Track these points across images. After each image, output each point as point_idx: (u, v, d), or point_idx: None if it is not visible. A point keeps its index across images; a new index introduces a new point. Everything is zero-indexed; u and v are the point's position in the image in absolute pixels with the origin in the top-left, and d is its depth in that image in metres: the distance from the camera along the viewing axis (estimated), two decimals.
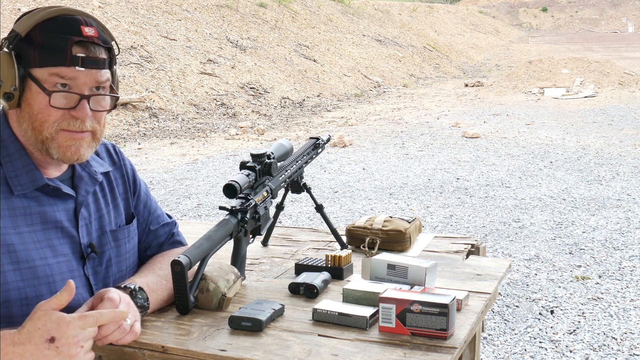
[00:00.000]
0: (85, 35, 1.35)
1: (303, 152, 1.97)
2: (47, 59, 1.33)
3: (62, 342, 1.18)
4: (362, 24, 24.07)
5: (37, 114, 1.34)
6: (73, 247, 1.42)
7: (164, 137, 10.02)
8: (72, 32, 1.34)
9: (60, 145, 1.36)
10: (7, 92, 1.32)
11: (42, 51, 1.33)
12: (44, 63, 1.33)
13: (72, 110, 1.35)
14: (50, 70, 1.33)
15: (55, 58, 1.33)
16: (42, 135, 1.35)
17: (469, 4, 50.74)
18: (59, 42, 1.33)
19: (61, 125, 1.35)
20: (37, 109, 1.34)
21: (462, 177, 7.33)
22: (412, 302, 1.36)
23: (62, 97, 1.34)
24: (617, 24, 48.78)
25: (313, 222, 5.55)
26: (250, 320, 1.41)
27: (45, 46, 1.33)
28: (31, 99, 1.34)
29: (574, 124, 11.09)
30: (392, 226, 1.97)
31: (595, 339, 3.47)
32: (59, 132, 1.35)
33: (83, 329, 1.21)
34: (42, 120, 1.34)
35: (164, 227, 1.67)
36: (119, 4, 14.35)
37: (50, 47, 1.32)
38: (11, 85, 1.32)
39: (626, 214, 5.76)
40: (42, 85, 1.33)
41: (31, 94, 1.34)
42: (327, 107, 14.02)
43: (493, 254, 4.78)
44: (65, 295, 1.21)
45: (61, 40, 1.33)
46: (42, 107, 1.34)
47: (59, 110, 1.34)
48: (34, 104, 1.34)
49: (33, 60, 1.33)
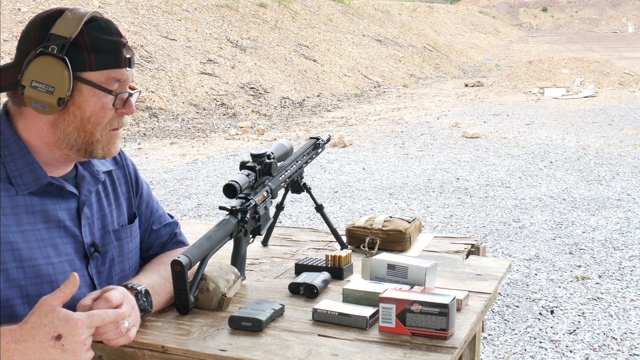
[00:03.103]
0: (124, 37, 1.39)
1: (303, 152, 1.97)
2: (103, 62, 1.35)
3: (69, 340, 1.19)
4: (362, 24, 24.07)
5: (91, 117, 1.36)
6: (76, 246, 1.43)
7: (164, 137, 10.02)
8: (116, 34, 1.37)
9: (105, 146, 1.41)
10: (61, 97, 1.33)
11: (97, 54, 1.34)
12: (100, 66, 1.35)
13: (122, 109, 1.39)
14: (109, 73, 1.35)
15: (111, 60, 1.35)
16: (94, 137, 1.38)
17: (469, 4, 50.73)
18: (110, 45, 1.35)
19: (112, 125, 1.39)
20: (90, 111, 1.36)
21: (462, 177, 7.33)
22: (412, 302, 1.36)
23: (121, 97, 1.38)
24: (617, 24, 48.77)
25: (313, 222, 5.55)
26: (250, 320, 1.41)
27: (97, 49, 1.34)
28: (83, 102, 1.35)
29: (574, 124, 11.09)
30: (392, 226, 1.97)
31: (595, 339, 3.47)
32: (107, 133, 1.39)
33: (89, 327, 1.22)
34: (96, 123, 1.37)
35: (166, 227, 1.68)
36: (119, 4, 14.35)
37: (103, 50, 1.34)
38: (67, 91, 1.32)
39: (626, 214, 5.77)
40: (103, 87, 1.35)
41: (82, 97, 1.35)
42: (327, 107, 14.02)
43: (493, 254, 4.78)
44: (71, 287, 1.22)
45: (111, 43, 1.35)
46: (97, 109, 1.36)
47: (111, 110, 1.38)
48: (87, 106, 1.35)
49: (87, 64, 1.34)
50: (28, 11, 12.04)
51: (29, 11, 12.04)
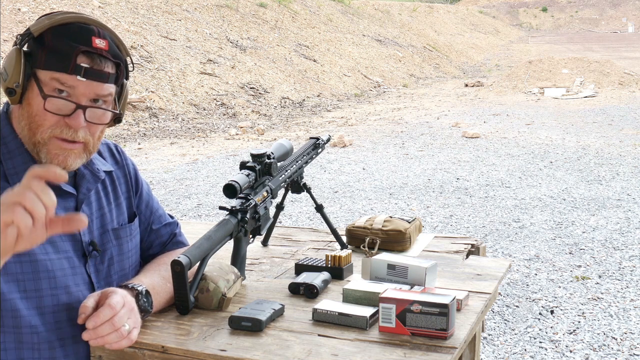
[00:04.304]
0: (94, 47, 1.35)
1: (303, 152, 1.97)
2: (52, 63, 1.34)
3: None
4: (362, 24, 24.07)
5: (35, 116, 1.35)
6: (74, 244, 1.43)
7: (164, 137, 10.02)
8: (81, 41, 1.35)
9: (49, 152, 1.36)
10: (9, 87, 1.34)
11: (48, 54, 1.34)
12: (47, 66, 1.34)
13: (66, 118, 1.35)
14: (53, 74, 1.34)
15: (59, 63, 1.33)
16: (35, 138, 1.36)
17: (469, 4, 50.73)
18: (67, 48, 1.34)
19: (54, 132, 1.35)
20: (34, 110, 1.35)
21: (462, 177, 7.33)
22: (412, 302, 1.36)
23: (57, 102, 1.34)
24: (617, 24, 48.76)
25: (313, 222, 5.55)
26: (250, 320, 1.41)
27: (53, 50, 1.34)
28: (31, 98, 1.36)
29: (574, 124, 11.09)
30: (392, 226, 1.97)
31: (595, 339, 3.47)
32: (51, 138, 1.36)
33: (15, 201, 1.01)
34: (38, 123, 1.35)
35: (165, 226, 1.68)
36: (119, 4, 14.35)
37: (57, 52, 1.33)
38: (14, 82, 1.34)
39: (626, 214, 5.76)
40: (41, 87, 1.34)
41: (32, 94, 1.35)
42: (327, 107, 14.02)
43: (493, 254, 4.78)
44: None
45: (69, 47, 1.34)
46: (39, 109, 1.35)
47: (54, 116, 1.34)
48: (33, 104, 1.35)
49: (39, 61, 1.34)
50: (28, 11, 12.04)
51: (29, 11, 12.04)
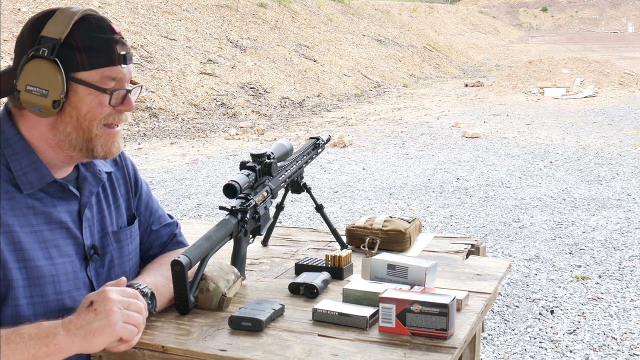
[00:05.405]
0: (118, 33, 1.37)
1: (303, 152, 1.97)
2: (96, 61, 1.34)
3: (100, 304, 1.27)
4: (362, 24, 24.06)
5: (87, 113, 1.36)
6: (77, 248, 1.43)
7: (164, 137, 10.02)
8: (108, 31, 1.36)
9: (105, 143, 1.39)
10: (56, 99, 1.32)
11: (88, 53, 1.33)
12: (93, 65, 1.34)
13: (120, 106, 1.39)
14: (103, 71, 1.34)
15: (104, 59, 1.34)
16: (91, 134, 1.37)
17: (469, 4, 50.71)
18: (102, 42, 1.34)
19: (108, 120, 1.38)
20: (86, 109, 1.35)
21: (462, 177, 7.33)
22: (412, 302, 1.36)
23: (117, 95, 1.37)
24: (617, 24, 48.75)
25: (313, 222, 5.55)
26: (250, 320, 1.41)
27: (89, 48, 1.33)
28: (79, 101, 1.35)
29: (574, 124, 11.08)
30: (392, 226, 1.97)
31: (595, 339, 3.47)
32: (102, 128, 1.38)
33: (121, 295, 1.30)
34: (92, 119, 1.36)
35: (165, 227, 1.67)
36: (119, 4, 14.34)
37: (95, 49, 1.34)
38: (60, 92, 1.32)
39: (626, 214, 5.76)
40: (98, 86, 1.34)
41: (78, 97, 1.35)
42: (327, 107, 14.01)
43: (493, 254, 4.78)
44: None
45: (103, 40, 1.34)
46: (94, 107, 1.36)
47: (108, 107, 1.37)
48: (83, 105, 1.35)
49: (80, 64, 1.33)
50: (28, 11, 12.03)
51: (29, 11, 12.03)
